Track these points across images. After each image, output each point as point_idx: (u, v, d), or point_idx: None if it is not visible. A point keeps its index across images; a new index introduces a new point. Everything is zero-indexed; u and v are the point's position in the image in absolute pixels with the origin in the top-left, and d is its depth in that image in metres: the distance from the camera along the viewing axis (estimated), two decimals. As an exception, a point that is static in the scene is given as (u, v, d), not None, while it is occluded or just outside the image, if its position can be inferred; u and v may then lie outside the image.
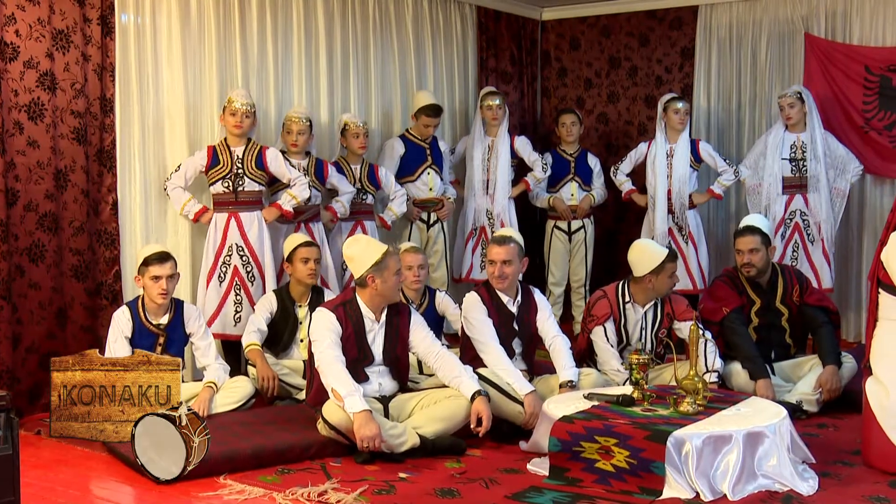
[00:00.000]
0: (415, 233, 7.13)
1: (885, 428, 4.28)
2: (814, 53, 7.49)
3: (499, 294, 5.20)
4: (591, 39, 8.56)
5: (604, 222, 8.28)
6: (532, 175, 7.51)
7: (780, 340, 5.72)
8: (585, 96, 8.61)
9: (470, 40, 8.08)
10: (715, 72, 8.00)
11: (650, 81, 8.29)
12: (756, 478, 4.03)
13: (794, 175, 7.08)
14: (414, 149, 7.08)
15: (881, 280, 4.39)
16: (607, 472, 4.06)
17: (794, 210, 7.09)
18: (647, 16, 8.27)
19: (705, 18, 8.01)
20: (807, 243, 7.04)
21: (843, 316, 6.97)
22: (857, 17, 7.39)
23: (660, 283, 5.38)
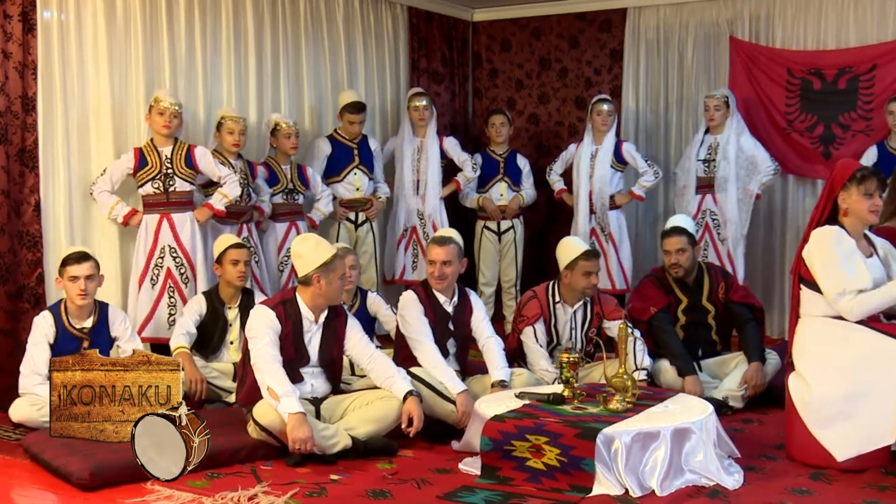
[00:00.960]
0: (343, 233, 7.09)
1: (807, 422, 4.38)
2: (738, 56, 7.63)
3: (436, 294, 5.20)
4: (521, 41, 8.62)
5: (534, 222, 8.34)
6: (462, 175, 7.54)
7: (706, 338, 5.81)
8: (516, 97, 8.67)
9: (401, 40, 8.08)
10: (643, 73, 8.11)
11: (580, 83, 8.38)
12: (683, 473, 4.09)
13: (706, 175, 7.21)
14: (341, 149, 7.05)
15: (803, 276, 4.49)
16: (538, 470, 4.08)
17: (704, 209, 7.24)
18: (576, 18, 8.35)
19: (633, 21, 8.12)
20: (716, 242, 7.18)
21: (767, 313, 7.12)
22: (779, 20, 7.56)
23: (574, 280, 5.42)
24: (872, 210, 4.38)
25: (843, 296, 4.29)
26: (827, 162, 7.29)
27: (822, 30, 7.40)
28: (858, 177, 4.38)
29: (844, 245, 4.35)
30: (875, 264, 4.42)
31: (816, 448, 4.34)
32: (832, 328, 4.37)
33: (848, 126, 7.26)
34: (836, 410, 4.28)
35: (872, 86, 7.14)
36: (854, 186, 4.37)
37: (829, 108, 7.31)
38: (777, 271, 7.64)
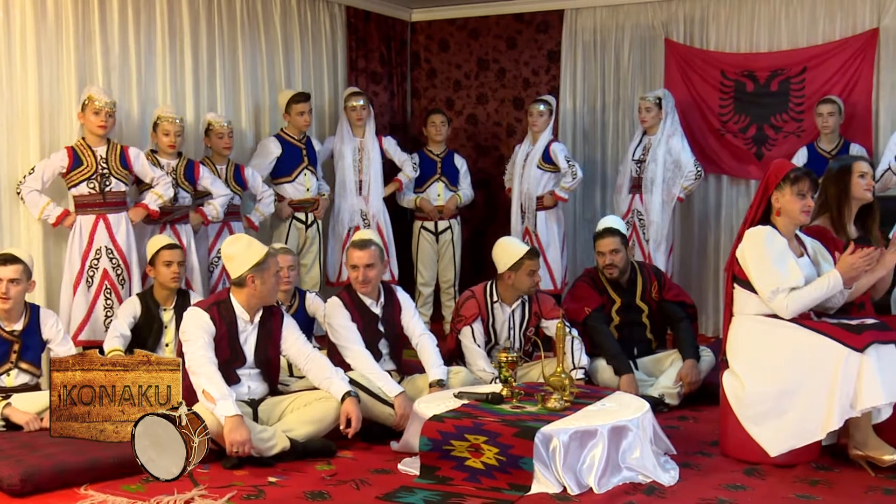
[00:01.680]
0: (293, 233, 7.05)
1: (741, 419, 4.46)
2: (674, 58, 7.74)
3: (361, 297, 5.18)
4: (460, 41, 8.63)
5: (472, 222, 8.37)
6: (403, 174, 7.53)
7: (641, 336, 5.89)
8: (455, 97, 8.68)
9: (339, 40, 8.04)
10: (580, 74, 8.17)
11: (518, 83, 8.42)
12: (621, 470, 4.13)
13: (637, 176, 7.30)
14: (290, 149, 7.00)
15: (736, 276, 4.57)
16: (477, 469, 4.09)
17: (633, 209, 7.33)
18: (514, 19, 8.39)
19: (571, 22, 8.18)
20: (642, 242, 7.27)
21: (702, 312, 7.24)
22: (713, 23, 7.67)
23: (519, 280, 5.46)
24: (805, 210, 4.47)
25: (776, 294, 4.37)
26: (759, 162, 7.42)
27: (755, 33, 7.53)
28: (792, 177, 4.46)
29: (776, 244, 4.43)
30: (805, 263, 4.51)
31: (750, 444, 4.42)
32: (765, 326, 4.45)
33: (780, 127, 7.40)
34: (768, 407, 4.36)
35: (803, 88, 7.29)
36: (788, 186, 4.45)
37: (761, 109, 7.45)
38: (711, 270, 7.75)
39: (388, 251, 7.40)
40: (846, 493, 4.06)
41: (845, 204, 4.79)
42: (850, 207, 4.81)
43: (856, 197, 4.79)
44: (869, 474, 4.26)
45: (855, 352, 4.14)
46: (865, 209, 4.84)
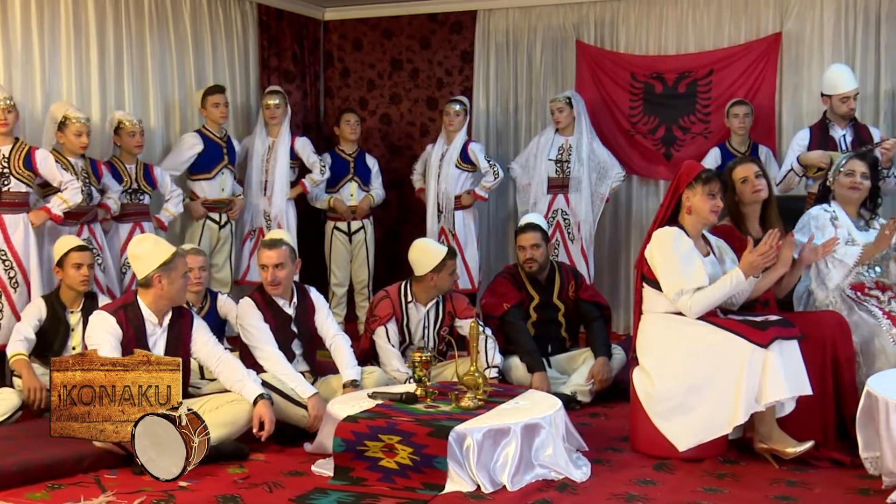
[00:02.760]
0: (206, 234, 6.94)
1: (651, 415, 4.55)
2: (585, 60, 7.84)
3: (274, 297, 5.13)
4: (373, 41, 8.61)
5: (387, 222, 8.35)
6: (309, 177, 7.47)
7: (556, 334, 5.96)
8: (368, 97, 8.65)
9: (251, 38, 7.94)
10: (493, 75, 8.22)
11: (432, 83, 8.43)
12: (533, 468, 4.17)
13: (558, 176, 7.38)
14: (211, 146, 6.90)
15: (645, 275, 4.65)
16: (391, 469, 4.09)
17: (556, 209, 7.39)
18: (428, 19, 8.40)
19: (484, 23, 8.22)
20: (567, 241, 7.36)
21: (613, 309, 7.31)
22: (623, 26, 7.80)
23: (441, 281, 5.48)
24: (714, 210, 4.57)
25: (681, 295, 4.47)
26: (668, 163, 7.57)
27: (663, 36, 7.68)
28: (704, 177, 4.56)
29: (683, 245, 4.52)
30: (711, 262, 4.62)
31: (659, 439, 4.51)
32: (673, 324, 4.54)
33: (688, 128, 7.56)
34: (677, 403, 4.45)
35: (710, 90, 7.46)
36: (699, 186, 4.55)
37: (670, 111, 7.60)
38: (623, 269, 7.88)
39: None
40: (752, 485, 4.16)
41: (739, 207, 4.92)
42: (746, 210, 4.94)
43: (746, 202, 4.92)
44: (773, 466, 4.38)
45: (759, 347, 4.25)
46: (766, 206, 4.97)
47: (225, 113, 6.94)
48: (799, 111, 7.25)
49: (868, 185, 5.12)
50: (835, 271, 5.01)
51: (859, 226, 5.14)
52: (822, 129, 6.29)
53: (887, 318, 4.80)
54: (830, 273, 5.02)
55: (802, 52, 7.25)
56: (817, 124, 6.37)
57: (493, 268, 7.76)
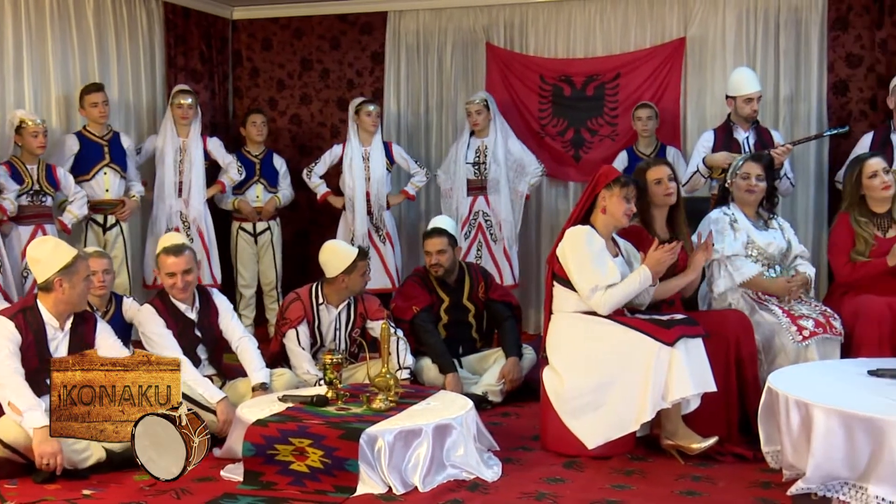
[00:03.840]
0: (90, 237, 6.73)
1: (560, 413, 4.60)
2: (495, 62, 7.89)
3: (175, 303, 5.05)
4: (283, 41, 8.53)
5: (296, 223, 8.28)
6: (227, 177, 7.37)
7: (467, 336, 5.98)
8: (278, 97, 8.57)
9: (157, 36, 7.79)
10: (404, 76, 8.22)
11: (342, 84, 8.39)
12: (445, 468, 4.19)
13: (476, 178, 7.41)
14: (89, 146, 6.69)
15: (556, 274, 4.71)
16: (302, 473, 4.06)
17: (477, 211, 7.43)
18: (338, 20, 8.35)
19: (394, 24, 8.21)
20: (489, 242, 7.40)
21: (524, 309, 7.38)
22: (532, 29, 7.87)
23: (353, 282, 5.46)
24: (627, 214, 4.66)
25: (595, 292, 4.54)
26: (577, 165, 7.67)
27: (572, 39, 7.77)
28: (622, 181, 4.65)
29: (595, 244, 4.59)
30: (620, 262, 4.70)
31: (569, 437, 4.56)
32: (582, 323, 4.61)
33: (596, 131, 7.67)
34: (586, 401, 4.52)
35: (617, 93, 7.58)
36: (617, 188, 4.62)
37: (578, 113, 7.69)
38: (533, 269, 7.94)
39: (210, 255, 7.24)
40: (658, 481, 4.25)
41: (649, 209, 5.02)
42: (656, 212, 5.04)
43: (657, 203, 5.02)
44: (679, 462, 4.47)
45: (665, 346, 4.34)
46: (674, 209, 5.08)
47: (104, 112, 6.71)
48: (703, 114, 7.41)
49: (764, 186, 5.27)
50: (721, 281, 5.17)
51: (758, 226, 5.29)
52: (726, 132, 6.45)
53: (787, 316, 4.95)
54: (717, 281, 5.17)
55: (706, 56, 7.42)
56: (721, 127, 6.53)
57: (403, 270, 7.76)
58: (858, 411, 3.64)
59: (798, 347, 4.83)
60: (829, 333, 4.91)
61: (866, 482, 3.62)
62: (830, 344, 4.94)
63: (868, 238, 5.22)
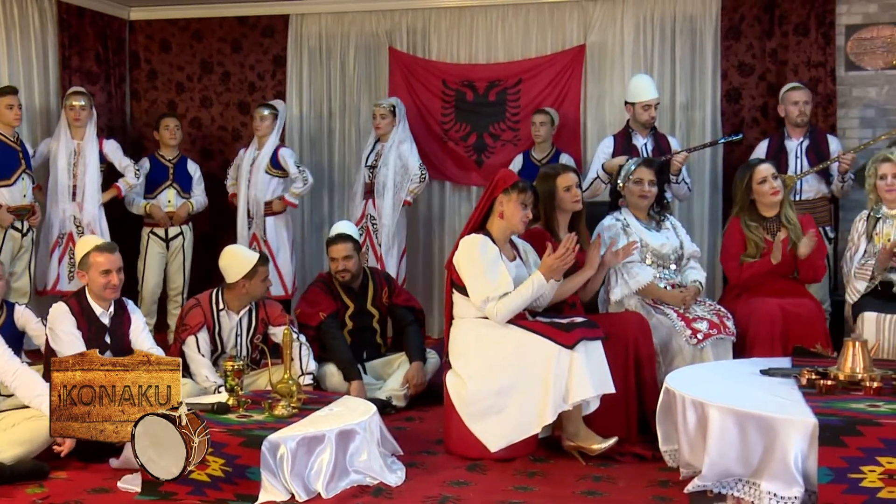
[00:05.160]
0: (7, 242, 6.53)
1: (463, 417, 4.62)
2: (398, 67, 7.90)
3: (92, 305, 4.92)
4: (182, 43, 8.38)
5: (203, 228, 8.14)
6: (124, 181, 7.21)
7: (371, 341, 5.97)
8: (178, 100, 8.42)
9: (50, 36, 7.57)
10: (306, 80, 8.17)
11: (243, 87, 8.29)
12: (348, 474, 4.16)
13: (370, 182, 7.41)
14: (6, 150, 6.50)
15: (454, 281, 4.73)
16: (202, 482, 3.99)
17: (367, 215, 7.41)
18: (238, 22, 8.25)
19: (296, 28, 8.15)
20: (375, 246, 7.39)
21: (428, 314, 7.39)
22: (435, 34, 7.91)
23: (253, 288, 5.39)
24: (523, 220, 4.71)
25: (488, 302, 4.57)
26: (480, 169, 7.73)
27: (474, 45, 7.83)
28: (520, 186, 4.68)
29: (489, 253, 4.63)
30: (517, 265, 4.76)
31: (472, 441, 4.59)
32: (482, 328, 4.64)
33: (498, 136, 7.73)
34: (488, 404, 4.55)
35: (519, 98, 7.66)
36: (515, 193, 4.67)
37: (480, 118, 7.75)
38: (436, 274, 7.97)
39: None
40: (560, 481, 4.30)
41: (553, 214, 5.09)
42: (561, 217, 5.11)
43: (565, 209, 5.10)
44: (581, 463, 4.53)
45: (565, 349, 4.40)
46: (576, 214, 5.16)
47: (19, 115, 6.57)
48: (603, 120, 7.55)
49: (655, 191, 5.40)
50: (617, 289, 5.27)
51: (650, 227, 5.41)
52: (625, 138, 6.59)
53: (682, 319, 5.07)
54: (614, 289, 5.28)
55: (605, 63, 7.56)
56: (620, 133, 6.66)
57: (308, 274, 7.70)
58: (751, 410, 3.76)
59: (694, 349, 4.96)
60: (722, 334, 5.05)
61: (759, 478, 3.73)
62: (724, 344, 5.08)
63: (758, 241, 5.39)
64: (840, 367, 4.14)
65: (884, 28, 7.00)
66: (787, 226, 5.40)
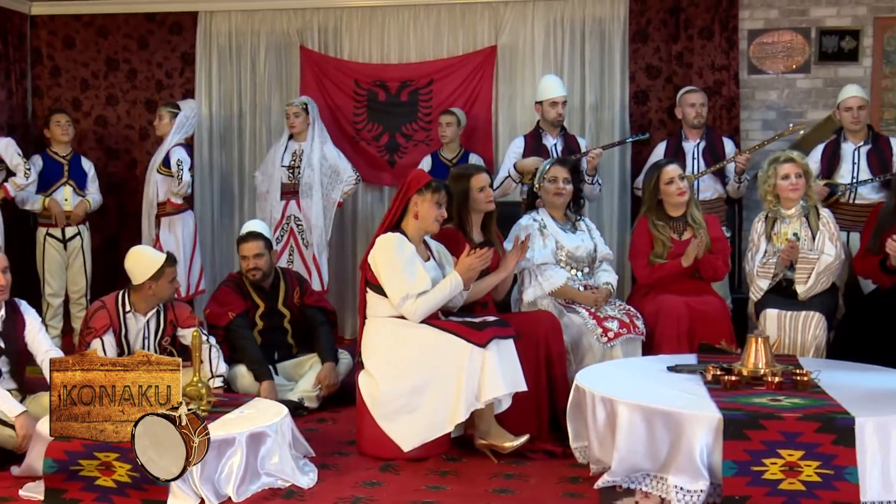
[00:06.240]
0: None
1: (376, 417, 4.62)
2: (309, 66, 7.84)
3: (-21, 311, 4.77)
4: (86, 39, 8.18)
5: (105, 229, 7.96)
6: (13, 181, 6.98)
7: (282, 341, 5.91)
8: (82, 98, 8.21)
9: (-55, 31, 7.33)
10: (216, 78, 8.05)
11: (150, 85, 8.12)
12: (260, 477, 4.13)
13: (290, 182, 7.34)
14: None
15: (369, 280, 4.72)
16: (109, 488, 3.91)
17: (289, 215, 7.34)
18: (146, 18, 8.08)
19: (205, 25, 8.02)
20: (301, 247, 7.33)
21: (341, 314, 7.38)
22: (346, 34, 7.87)
23: (160, 289, 5.29)
24: (437, 220, 4.74)
25: (406, 300, 4.58)
26: (392, 170, 7.72)
27: (386, 45, 7.82)
28: (434, 186, 4.70)
29: (405, 251, 4.63)
30: (432, 266, 4.77)
31: (385, 441, 4.59)
32: (396, 327, 4.64)
33: (410, 136, 7.73)
34: (401, 404, 4.55)
35: (431, 99, 7.67)
36: (429, 193, 4.68)
37: (393, 118, 7.74)
38: (349, 274, 7.93)
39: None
40: (472, 480, 4.33)
41: (466, 214, 5.11)
42: (473, 217, 5.14)
43: (479, 209, 5.13)
44: (493, 461, 4.57)
45: (478, 347, 4.43)
46: (488, 214, 5.19)
47: None
48: (514, 120, 7.61)
49: (571, 189, 5.48)
50: (531, 290, 5.34)
51: (566, 229, 5.49)
52: (535, 138, 6.66)
53: (593, 318, 5.15)
54: (527, 290, 5.35)
55: (516, 64, 7.62)
56: (531, 133, 6.73)
57: (218, 274, 7.59)
58: (658, 406, 3.83)
59: (604, 347, 5.04)
60: (632, 333, 5.15)
61: (666, 473, 3.81)
62: (633, 343, 5.18)
63: (665, 241, 5.50)
64: (743, 363, 4.25)
65: (784, 33, 7.22)
66: (693, 225, 5.52)
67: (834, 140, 6.41)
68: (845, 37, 7.13)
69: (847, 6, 7.13)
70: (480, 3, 7.64)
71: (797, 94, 7.23)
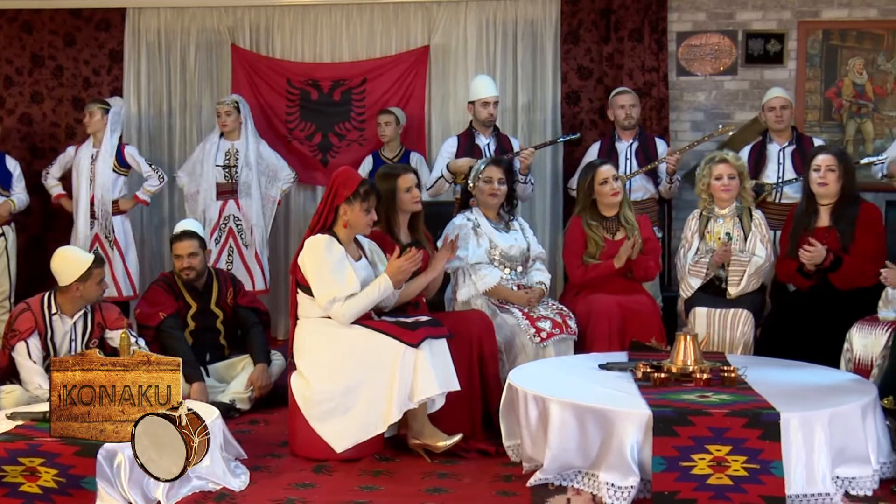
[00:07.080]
0: None
1: (308, 418, 4.59)
2: (240, 64, 7.76)
3: None
4: (10, 35, 7.99)
5: (31, 229, 7.80)
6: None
7: (214, 342, 5.85)
8: (6, 95, 8.02)
9: None
10: (145, 76, 7.92)
11: (77, 83, 7.97)
12: (190, 480, 4.07)
13: (226, 182, 7.26)
14: None
15: (299, 282, 4.70)
16: (34, 494, 3.84)
17: (227, 215, 7.26)
18: (72, 15, 7.92)
19: (133, 22, 7.89)
20: (241, 247, 7.26)
21: (273, 314, 7.32)
22: (278, 32, 7.81)
23: (88, 290, 5.20)
24: (369, 224, 4.73)
25: (334, 303, 4.55)
26: (325, 169, 7.68)
27: (319, 43, 7.78)
28: (362, 192, 4.67)
29: (334, 253, 4.61)
30: (364, 265, 4.76)
31: (317, 442, 4.56)
32: (328, 328, 4.61)
33: (343, 135, 7.71)
34: (333, 405, 4.53)
35: (364, 98, 7.66)
36: (357, 202, 4.65)
37: (326, 117, 7.71)
38: (282, 274, 7.87)
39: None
40: (406, 480, 4.33)
41: (394, 216, 5.11)
42: (401, 217, 5.14)
43: (405, 209, 5.13)
44: (426, 461, 4.57)
45: (410, 347, 4.43)
46: (415, 214, 5.20)
47: None
48: (447, 120, 7.63)
49: (505, 189, 5.51)
50: (465, 289, 5.37)
51: (500, 228, 5.52)
52: (468, 138, 6.69)
53: (526, 318, 5.19)
54: (461, 290, 5.37)
55: (449, 64, 7.64)
56: (464, 133, 6.76)
57: (147, 275, 7.47)
58: (589, 403, 3.88)
59: (537, 347, 5.08)
60: (565, 333, 5.20)
61: (598, 470, 3.86)
62: (566, 342, 5.23)
63: (598, 240, 5.57)
64: (672, 360, 4.33)
65: (712, 35, 7.35)
66: (626, 226, 5.60)
67: (760, 141, 6.55)
68: (771, 40, 7.28)
69: (772, 10, 7.29)
70: (413, 2, 7.65)
71: (725, 96, 7.37)
